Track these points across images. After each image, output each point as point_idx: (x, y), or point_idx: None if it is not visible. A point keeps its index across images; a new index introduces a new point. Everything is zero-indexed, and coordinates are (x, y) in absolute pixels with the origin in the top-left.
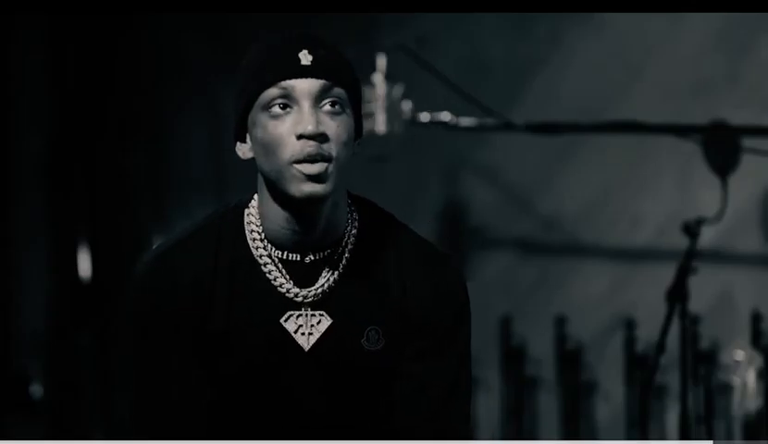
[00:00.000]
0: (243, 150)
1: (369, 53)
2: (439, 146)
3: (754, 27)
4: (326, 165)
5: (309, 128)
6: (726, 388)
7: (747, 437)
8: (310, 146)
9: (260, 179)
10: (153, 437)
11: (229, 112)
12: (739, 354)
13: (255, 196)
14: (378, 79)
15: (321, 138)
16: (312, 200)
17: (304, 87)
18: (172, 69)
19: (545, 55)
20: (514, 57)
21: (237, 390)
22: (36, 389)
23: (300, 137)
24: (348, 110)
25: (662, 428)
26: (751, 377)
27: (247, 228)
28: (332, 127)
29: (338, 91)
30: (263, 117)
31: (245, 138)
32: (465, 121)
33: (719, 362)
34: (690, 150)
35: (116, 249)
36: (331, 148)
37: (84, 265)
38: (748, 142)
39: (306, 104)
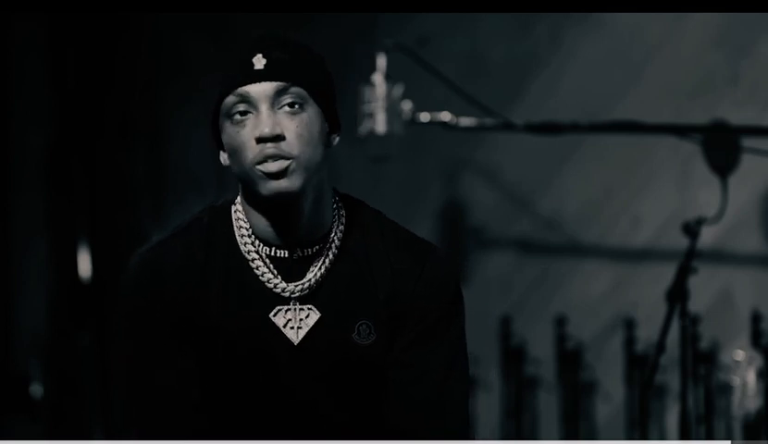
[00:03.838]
0: (224, 157)
1: (369, 53)
2: (439, 146)
3: (754, 27)
4: (286, 162)
5: (266, 130)
6: (726, 388)
7: (747, 437)
8: (268, 148)
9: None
10: (142, 428)
11: None
12: (739, 354)
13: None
14: (378, 79)
15: (278, 139)
16: (280, 196)
17: (259, 91)
18: (172, 69)
19: (545, 55)
20: (514, 57)
21: (229, 385)
22: (36, 389)
23: (259, 140)
24: (310, 107)
25: (662, 428)
26: (751, 377)
27: (236, 225)
28: (290, 126)
29: (295, 89)
30: (227, 125)
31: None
32: (465, 121)
33: (719, 362)
34: (690, 150)
35: (116, 249)
36: (291, 147)
37: (84, 265)
38: (748, 142)
39: (264, 108)
